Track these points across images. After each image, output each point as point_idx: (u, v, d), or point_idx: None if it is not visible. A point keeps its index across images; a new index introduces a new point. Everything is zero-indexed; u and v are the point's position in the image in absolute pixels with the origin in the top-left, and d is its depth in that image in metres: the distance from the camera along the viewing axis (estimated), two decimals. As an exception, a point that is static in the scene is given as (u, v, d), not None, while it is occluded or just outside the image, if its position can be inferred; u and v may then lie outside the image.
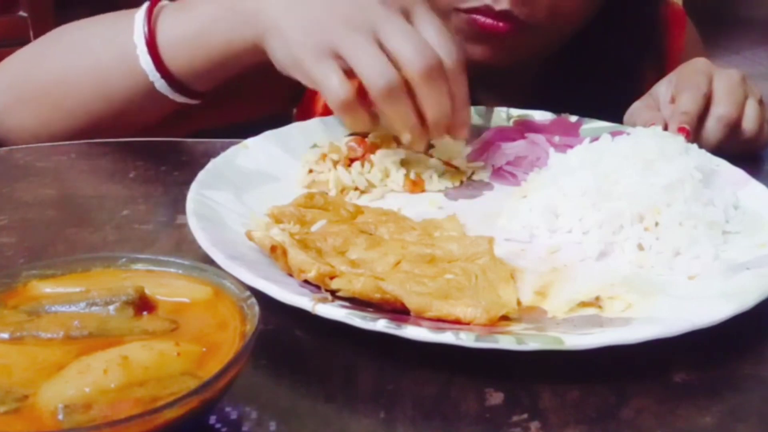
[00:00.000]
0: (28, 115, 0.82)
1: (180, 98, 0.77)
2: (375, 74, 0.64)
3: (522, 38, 0.84)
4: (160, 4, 0.76)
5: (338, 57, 0.65)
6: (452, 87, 0.67)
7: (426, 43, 0.65)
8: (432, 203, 0.69)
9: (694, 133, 0.75)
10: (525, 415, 0.45)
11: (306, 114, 0.96)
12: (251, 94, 0.81)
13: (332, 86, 0.65)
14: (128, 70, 0.75)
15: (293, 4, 0.68)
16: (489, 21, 0.82)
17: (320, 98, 0.93)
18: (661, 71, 0.94)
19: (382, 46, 0.65)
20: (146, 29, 0.74)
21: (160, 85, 0.75)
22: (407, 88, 0.65)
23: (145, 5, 0.75)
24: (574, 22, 0.88)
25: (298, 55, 0.67)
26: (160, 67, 0.74)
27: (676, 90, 0.79)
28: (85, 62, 0.79)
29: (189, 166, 0.74)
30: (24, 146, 0.79)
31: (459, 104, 0.68)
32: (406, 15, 0.67)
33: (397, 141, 0.73)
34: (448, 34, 0.67)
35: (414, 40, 0.65)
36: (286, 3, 0.69)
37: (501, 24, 0.82)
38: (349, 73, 0.65)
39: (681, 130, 0.74)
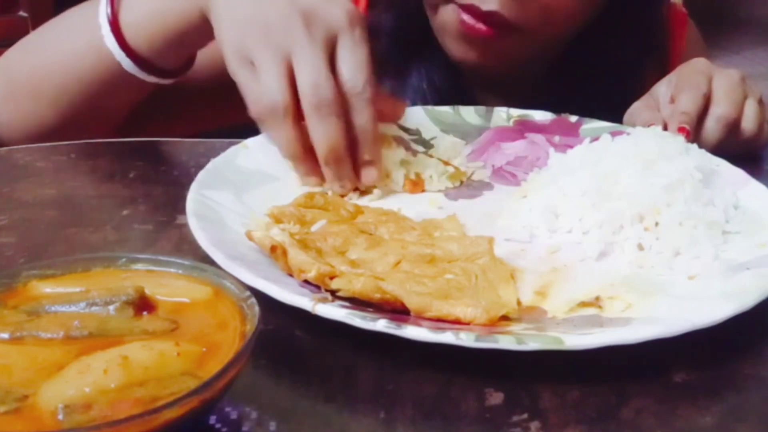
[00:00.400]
0: (16, 109, 0.84)
1: (150, 78, 0.79)
2: (265, 92, 0.65)
3: (509, 42, 0.82)
4: None
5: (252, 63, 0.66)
6: (355, 120, 0.66)
7: (327, 77, 0.64)
8: (432, 203, 0.69)
9: (694, 133, 0.75)
10: (525, 415, 0.45)
11: None
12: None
13: (252, 90, 0.66)
14: (97, 52, 0.78)
15: None
16: (472, 22, 0.81)
17: None
18: (663, 72, 0.94)
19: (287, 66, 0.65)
20: (109, 10, 0.76)
21: (127, 64, 0.77)
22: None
23: None
24: (569, 26, 0.86)
25: (225, 50, 0.68)
26: (124, 47, 0.76)
27: (675, 90, 0.79)
28: (61, 50, 0.82)
29: (189, 166, 0.74)
30: (24, 146, 0.79)
31: (362, 140, 0.66)
32: (332, 40, 0.66)
33: (398, 141, 0.73)
34: (365, 68, 0.66)
35: (315, 74, 0.64)
36: None
37: (483, 27, 0.81)
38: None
39: (681, 130, 0.74)
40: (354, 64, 0.66)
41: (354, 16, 0.67)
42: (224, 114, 0.82)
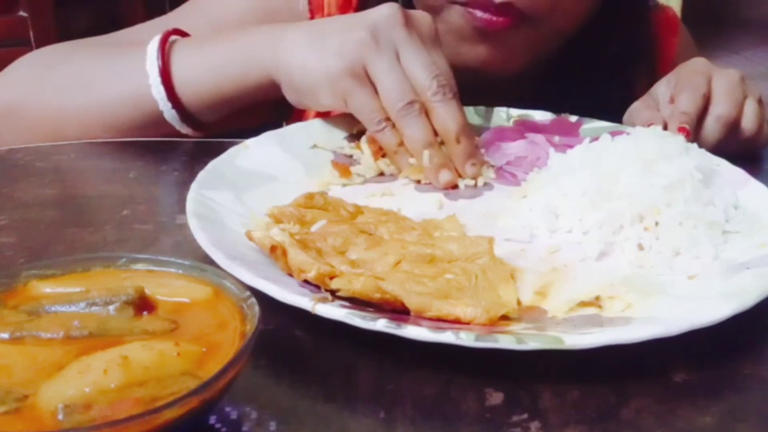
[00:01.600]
0: (18, 139, 0.82)
1: (185, 129, 0.79)
2: (398, 94, 0.69)
3: (520, 35, 0.82)
4: (172, 37, 0.79)
5: (367, 78, 0.70)
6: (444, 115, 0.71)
7: (433, 63, 0.70)
8: (432, 203, 0.69)
9: (694, 133, 0.75)
10: (525, 415, 0.45)
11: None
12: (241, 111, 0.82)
13: (371, 106, 0.70)
14: (137, 101, 0.78)
15: (310, 37, 0.72)
16: (487, 16, 0.80)
17: (310, 112, 0.92)
18: (652, 74, 0.95)
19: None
20: (160, 59, 0.76)
21: (170, 115, 0.78)
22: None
23: (158, 38, 0.78)
24: (573, 19, 0.86)
25: (327, 79, 0.70)
26: (172, 97, 0.77)
27: (675, 90, 0.79)
28: (88, 96, 0.81)
29: (189, 166, 0.74)
30: (24, 146, 0.79)
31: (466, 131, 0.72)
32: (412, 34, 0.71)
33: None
34: (440, 52, 0.72)
35: (425, 62, 0.70)
36: (300, 37, 0.73)
37: (501, 18, 0.80)
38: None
39: (681, 129, 0.74)
40: (440, 59, 0.72)
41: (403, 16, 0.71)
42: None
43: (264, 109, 0.85)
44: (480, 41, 0.83)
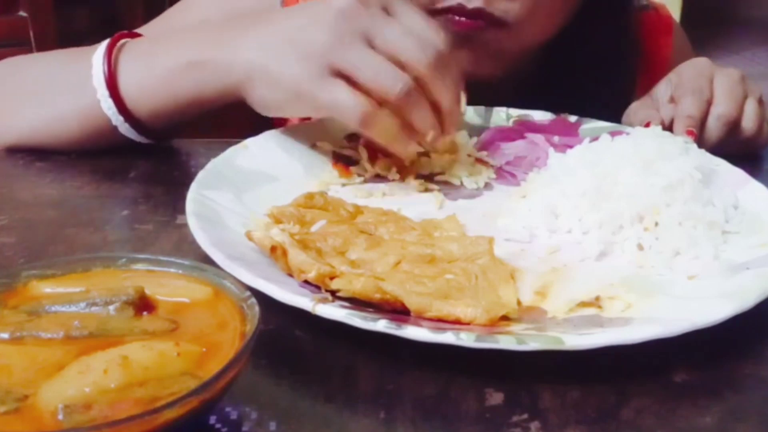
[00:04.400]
0: None
1: (142, 139, 0.75)
2: (389, 81, 0.63)
3: (496, 35, 0.81)
4: (118, 44, 0.73)
5: (340, 76, 0.64)
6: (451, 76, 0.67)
7: (421, 36, 0.65)
8: (432, 203, 0.69)
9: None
10: (525, 415, 0.45)
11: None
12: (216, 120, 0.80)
13: (347, 103, 0.64)
14: (89, 115, 0.73)
15: (267, 45, 0.67)
16: (463, 19, 0.80)
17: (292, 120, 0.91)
18: (644, 74, 0.94)
19: (377, 51, 0.64)
20: (106, 73, 0.71)
21: (124, 128, 0.73)
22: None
23: (104, 45, 0.73)
24: (556, 18, 0.86)
25: (295, 88, 0.65)
26: (123, 111, 0.72)
27: (677, 92, 0.79)
28: (40, 110, 0.77)
29: (189, 166, 0.74)
30: (24, 146, 0.79)
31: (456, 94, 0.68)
32: (386, 12, 0.66)
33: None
34: (431, 20, 0.67)
35: (411, 38, 0.64)
36: (258, 47, 0.67)
37: (474, 21, 0.80)
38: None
39: (689, 133, 0.74)
40: (424, 20, 0.66)
41: None
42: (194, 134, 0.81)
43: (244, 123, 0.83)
44: (460, 46, 0.83)
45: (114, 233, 0.63)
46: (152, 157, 0.77)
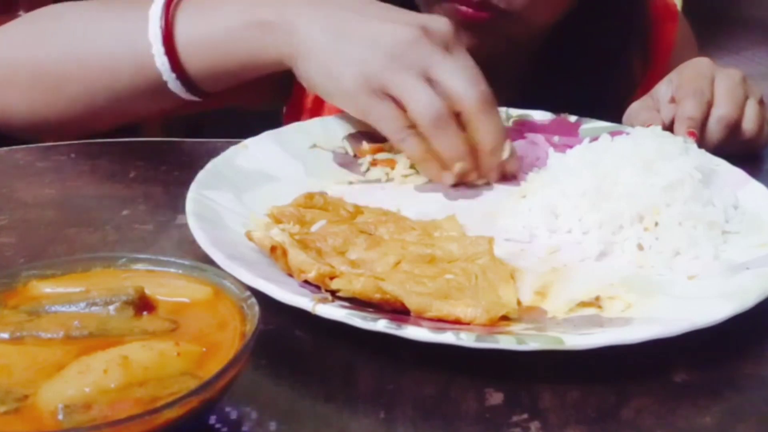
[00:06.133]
0: (19, 97, 0.79)
1: (190, 96, 0.77)
2: (423, 105, 0.67)
3: (504, 23, 0.84)
4: (175, 1, 0.74)
5: (387, 94, 0.68)
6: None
7: (472, 76, 0.69)
8: (432, 203, 0.69)
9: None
10: (525, 415, 0.45)
11: (296, 108, 0.96)
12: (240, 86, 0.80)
13: (392, 125, 0.68)
14: (140, 67, 0.74)
15: (334, 31, 0.69)
16: (470, 11, 0.82)
17: (309, 94, 0.92)
18: (648, 65, 0.94)
19: (430, 82, 0.68)
20: (163, 29, 0.72)
21: (174, 85, 0.75)
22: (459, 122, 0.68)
23: (161, 2, 0.73)
24: (554, 12, 0.87)
25: (345, 90, 0.69)
26: (176, 68, 0.73)
27: (678, 94, 0.79)
28: (92, 50, 0.77)
29: (189, 166, 0.74)
30: (24, 146, 0.79)
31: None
32: (446, 49, 0.69)
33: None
34: (479, 71, 0.70)
35: (465, 74, 0.68)
36: (323, 28, 0.69)
37: (480, 13, 0.82)
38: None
39: (691, 134, 0.74)
40: (475, 68, 0.70)
41: (452, 27, 0.70)
42: (210, 102, 0.81)
43: (260, 87, 0.83)
44: (467, 29, 0.84)
45: (114, 233, 0.63)
46: (152, 157, 0.77)
